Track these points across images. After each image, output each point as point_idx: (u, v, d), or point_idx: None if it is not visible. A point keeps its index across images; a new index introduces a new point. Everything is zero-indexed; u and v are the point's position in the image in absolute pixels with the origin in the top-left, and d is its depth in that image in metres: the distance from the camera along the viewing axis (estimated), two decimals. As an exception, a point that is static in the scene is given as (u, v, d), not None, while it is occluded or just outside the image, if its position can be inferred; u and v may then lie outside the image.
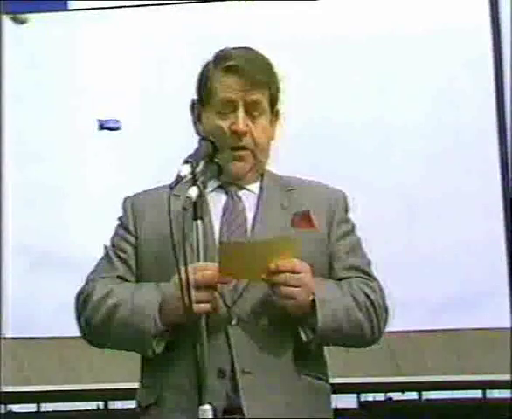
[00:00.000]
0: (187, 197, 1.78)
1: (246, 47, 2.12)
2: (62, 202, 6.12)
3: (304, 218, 2.02)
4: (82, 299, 2.03)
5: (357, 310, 1.96)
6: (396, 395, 17.62)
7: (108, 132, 6.07)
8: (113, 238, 2.13)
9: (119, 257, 2.07)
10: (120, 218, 2.15)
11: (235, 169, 2.04)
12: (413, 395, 17.50)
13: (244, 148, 2.05)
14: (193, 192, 1.79)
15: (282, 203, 2.06)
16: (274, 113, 2.13)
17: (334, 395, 2.08)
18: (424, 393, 17.55)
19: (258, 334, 1.94)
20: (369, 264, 2.10)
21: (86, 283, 2.07)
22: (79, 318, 2.05)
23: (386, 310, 2.05)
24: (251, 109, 2.05)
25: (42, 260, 6.01)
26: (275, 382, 1.92)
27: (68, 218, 5.97)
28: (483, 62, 5.74)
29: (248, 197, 2.09)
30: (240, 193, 2.08)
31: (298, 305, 1.89)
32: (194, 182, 1.80)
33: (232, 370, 1.90)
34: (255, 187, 2.11)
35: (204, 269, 1.85)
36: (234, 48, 2.11)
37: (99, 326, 1.98)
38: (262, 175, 2.13)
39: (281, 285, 1.88)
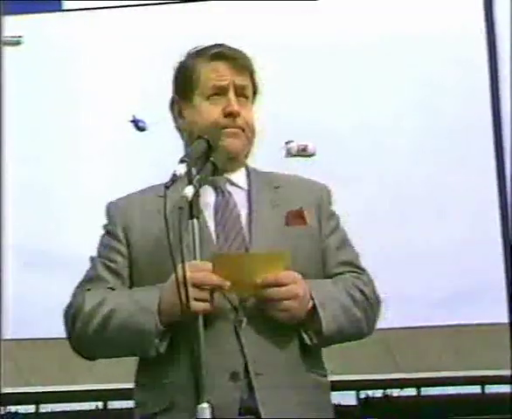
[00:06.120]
0: (182, 196, 1.77)
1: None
2: (56, 202, 6.11)
3: (297, 216, 2.03)
4: (72, 313, 1.97)
5: (355, 308, 1.97)
6: (395, 392, 17.63)
7: (104, 132, 6.08)
8: (100, 248, 2.07)
9: (108, 268, 2.02)
10: (106, 226, 2.09)
11: (229, 145, 2.03)
12: (412, 392, 17.50)
13: (236, 127, 2.05)
14: (189, 191, 1.77)
15: (272, 201, 2.07)
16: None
17: (333, 393, 2.09)
18: (422, 389, 17.56)
19: (268, 334, 1.93)
20: (357, 256, 2.12)
21: (74, 296, 2.01)
22: (70, 331, 1.99)
23: (379, 301, 2.06)
24: (239, 93, 2.06)
25: (35, 260, 5.99)
26: (287, 381, 1.92)
27: (63, 218, 5.96)
28: (476, 61, 5.76)
29: (238, 193, 2.08)
30: (229, 188, 2.08)
31: (291, 316, 1.89)
32: (189, 181, 1.79)
33: (246, 372, 1.89)
34: (242, 182, 2.11)
35: (201, 268, 1.84)
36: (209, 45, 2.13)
37: (93, 335, 1.93)
38: (248, 171, 2.13)
39: (269, 299, 1.87)
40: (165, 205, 1.75)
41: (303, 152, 6.34)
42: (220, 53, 2.07)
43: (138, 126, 5.92)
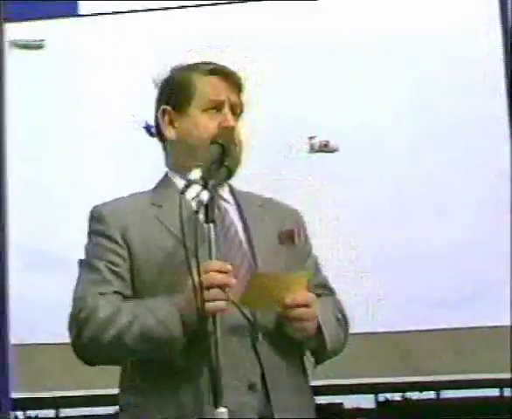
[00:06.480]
0: (198, 201, 1.78)
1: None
2: (57, 203, 6.11)
3: (289, 236, 2.09)
4: (84, 317, 1.95)
5: (339, 328, 2.08)
6: (414, 395, 17.60)
7: (108, 136, 6.12)
8: (96, 251, 2.05)
9: (112, 270, 2.01)
10: (96, 229, 2.07)
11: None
12: (431, 395, 17.47)
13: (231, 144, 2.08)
14: (204, 196, 1.79)
15: (262, 219, 2.11)
16: None
17: (352, 396, 2.21)
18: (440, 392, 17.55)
19: (278, 348, 1.98)
20: (327, 279, 2.23)
21: (81, 299, 1.99)
22: (76, 335, 1.97)
23: (348, 322, 2.17)
24: (233, 110, 2.11)
25: (35, 260, 5.98)
26: (298, 392, 2.00)
27: (63, 218, 5.97)
28: (477, 61, 5.77)
29: (229, 208, 2.11)
30: (223, 203, 2.11)
31: (306, 335, 1.95)
32: (205, 185, 1.80)
33: (263, 383, 1.93)
34: (229, 198, 2.14)
35: (208, 269, 1.85)
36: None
37: (107, 344, 1.92)
38: (231, 189, 2.16)
39: (296, 320, 1.92)
40: (181, 211, 1.76)
41: (325, 148, 6.38)
42: (216, 69, 2.12)
43: (151, 131, 5.99)
